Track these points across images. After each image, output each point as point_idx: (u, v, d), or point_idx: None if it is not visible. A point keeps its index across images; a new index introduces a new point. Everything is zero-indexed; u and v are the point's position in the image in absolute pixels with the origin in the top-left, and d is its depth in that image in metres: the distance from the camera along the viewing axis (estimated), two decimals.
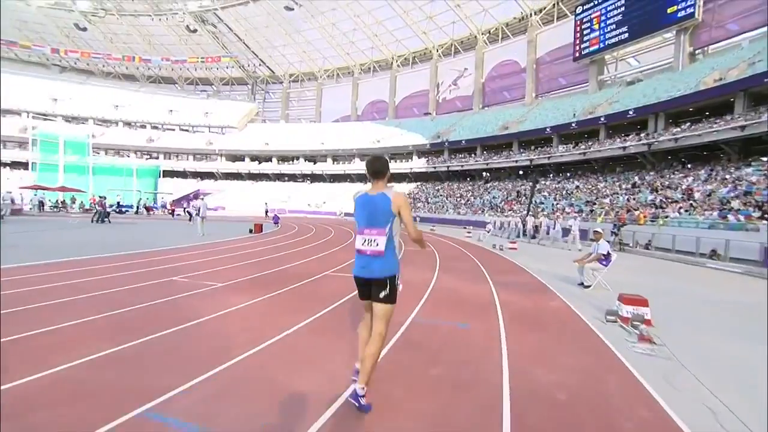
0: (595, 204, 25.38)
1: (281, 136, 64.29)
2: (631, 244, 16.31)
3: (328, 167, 60.39)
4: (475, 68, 59.06)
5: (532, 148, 43.19)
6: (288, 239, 16.36)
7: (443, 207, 41.41)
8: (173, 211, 32.04)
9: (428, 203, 44.74)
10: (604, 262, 7.93)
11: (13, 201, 22.26)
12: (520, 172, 45.33)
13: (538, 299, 6.88)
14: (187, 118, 66.46)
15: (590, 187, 30.90)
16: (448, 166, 50.10)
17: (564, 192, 31.97)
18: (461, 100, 62.09)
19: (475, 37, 58.23)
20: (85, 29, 65.44)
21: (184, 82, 76.67)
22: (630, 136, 31.28)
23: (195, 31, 65.01)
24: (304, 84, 77.05)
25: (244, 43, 69.34)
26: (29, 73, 67.98)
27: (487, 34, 57.65)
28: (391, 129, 61.19)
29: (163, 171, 59.83)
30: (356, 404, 2.78)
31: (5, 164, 51.44)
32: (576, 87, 48.98)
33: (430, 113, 63.16)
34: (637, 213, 20.09)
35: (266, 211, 30.95)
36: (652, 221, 18.75)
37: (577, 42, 44.22)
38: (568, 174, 38.62)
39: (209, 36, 67.16)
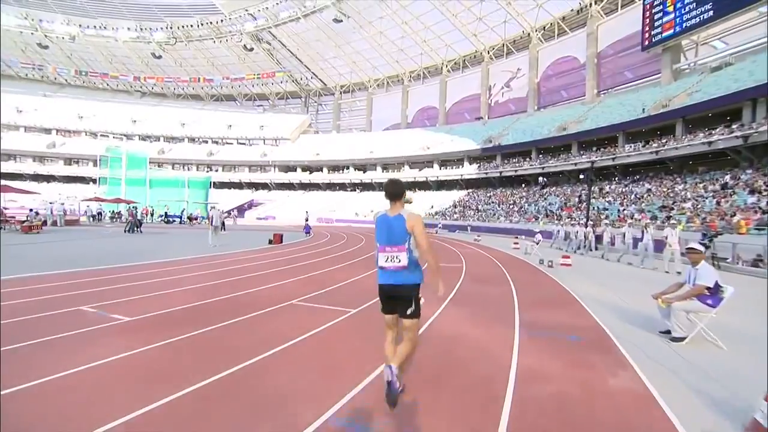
0: (672, 209, 21.14)
1: (332, 146, 64.41)
2: (730, 259, 12.35)
3: (377, 176, 59.17)
4: (529, 68, 55.00)
5: (594, 149, 38.59)
6: (304, 251, 14.93)
7: (494, 215, 38.14)
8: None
9: (479, 211, 41.59)
10: (709, 301, 4.80)
11: (65, 212, 23.33)
12: (581, 176, 40.81)
13: (592, 369, 3.88)
14: (244, 131, 69.04)
15: (665, 190, 26.37)
16: (500, 172, 46.63)
17: (632, 196, 27.62)
18: (514, 103, 58.10)
19: (529, 35, 54.29)
20: (160, 57, 70.68)
21: (243, 98, 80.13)
22: (717, 130, 26.29)
23: (252, 49, 67.59)
24: (355, 94, 77.10)
25: (296, 57, 70.96)
26: (116, 99, 75.02)
27: (542, 31, 53.51)
28: (441, 135, 58.71)
29: (221, 182, 62.60)
30: (388, 376, 2.83)
31: (81, 179, 56.54)
32: (645, 80, 43.47)
33: (481, 117, 59.82)
34: (736, 219, 15.87)
35: (306, 220, 30.08)
36: (758, 229, 14.61)
37: (647, 29, 39.02)
38: (637, 176, 33.73)
39: (264, 53, 69.55)
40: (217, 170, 64.46)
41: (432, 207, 48.19)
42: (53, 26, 64.79)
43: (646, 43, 39.59)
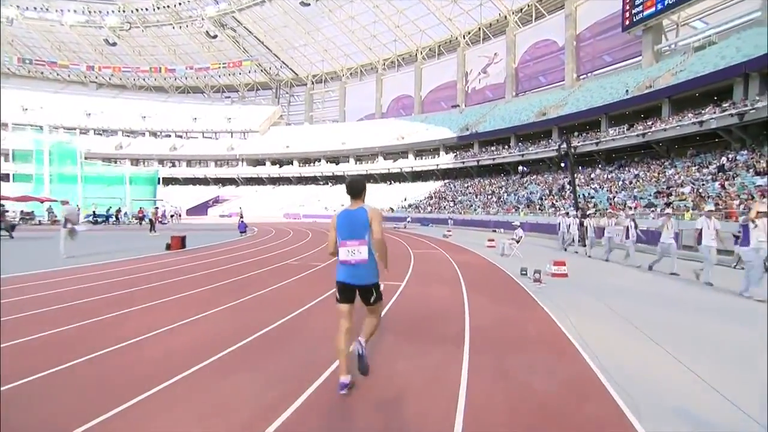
0: (671, 195, 18.47)
1: (303, 138, 60.57)
2: None
3: (350, 168, 55.74)
4: (507, 53, 52.28)
5: (575, 134, 36.03)
6: (202, 259, 10.84)
7: (471, 206, 35.29)
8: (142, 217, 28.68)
9: (455, 202, 38.68)
10: None
11: None
12: (562, 164, 38.38)
13: None
14: (210, 124, 64.47)
15: (655, 175, 23.88)
16: (478, 161, 43.88)
17: (620, 183, 25.04)
18: (492, 89, 55.36)
19: (506, 18, 51.54)
20: (114, 44, 65.23)
21: (210, 90, 75.14)
22: (707, 109, 23.87)
23: (215, 36, 62.83)
24: (328, 84, 73.10)
25: (264, 45, 66.46)
26: (70, 91, 69.02)
27: (519, 14, 50.81)
28: (416, 125, 55.64)
29: (185, 178, 58.08)
30: (359, 350, 3.12)
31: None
32: (625, 62, 41.25)
33: (458, 105, 56.88)
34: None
35: (240, 217, 26.54)
36: None
37: (627, 8, 36.59)
38: (622, 162, 31.36)
39: (230, 41, 64.83)
40: (180, 165, 59.84)
41: (405, 199, 45.13)
42: None
43: (627, 23, 37.25)
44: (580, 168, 35.32)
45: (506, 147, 42.61)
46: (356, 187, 3.16)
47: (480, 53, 56.66)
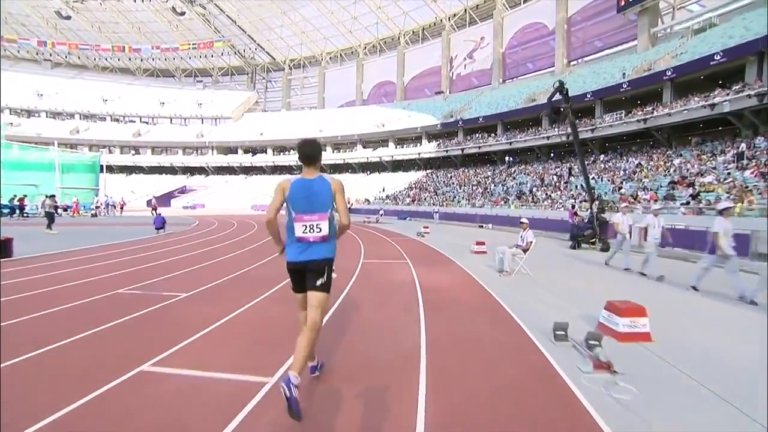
0: (692, 187, 15.63)
1: (278, 126, 56.50)
2: None
3: (327, 156, 52.06)
4: (494, 37, 49.27)
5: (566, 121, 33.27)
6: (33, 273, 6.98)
7: (455, 197, 32.34)
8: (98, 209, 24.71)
9: (436, 194, 35.68)
10: None
11: None
12: (552, 154, 35.86)
13: None
14: (179, 109, 59.66)
15: (660, 163, 21.24)
16: (462, 149, 40.90)
17: (622, 172, 22.36)
18: (478, 76, 52.33)
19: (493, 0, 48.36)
20: (68, 17, 59.37)
21: (182, 73, 69.96)
22: (716, 92, 21.34)
23: (183, 13, 57.83)
24: (307, 70, 68.87)
25: (237, 26, 61.67)
26: (19, 69, 62.81)
27: None
28: (398, 112, 52.29)
29: (150, 167, 53.49)
30: (287, 392, 2.17)
31: None
32: (618, 47, 38.85)
33: (442, 92, 53.73)
34: None
35: (154, 208, 22.99)
36: None
37: None
38: (619, 150, 28.85)
39: (199, 19, 59.81)
40: (145, 153, 55.08)
41: (383, 190, 41.92)
42: None
43: (622, 3, 34.74)
44: (568, 157, 32.86)
45: (493, 135, 39.77)
46: (310, 151, 2.66)
47: (466, 37, 53.48)
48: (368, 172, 50.19)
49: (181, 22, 60.92)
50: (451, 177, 39.42)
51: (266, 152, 55.52)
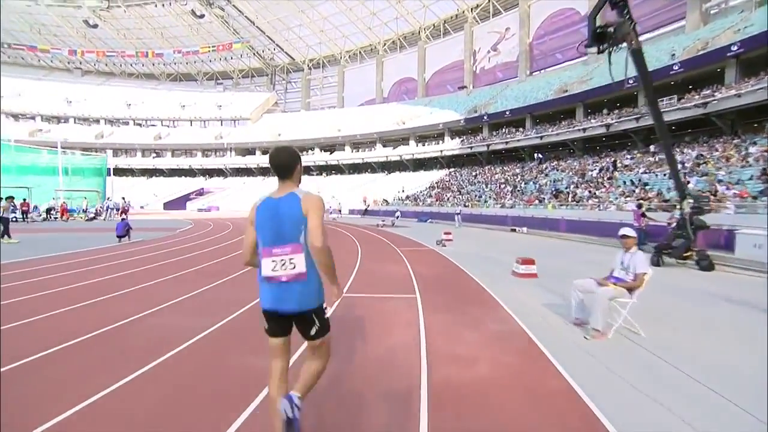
0: None
1: (296, 126, 54.71)
2: None
3: (345, 156, 49.82)
4: (520, 27, 45.67)
5: (605, 112, 29.65)
6: None
7: (480, 197, 29.18)
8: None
9: (460, 193, 32.59)
10: None
11: None
12: (586, 147, 32.16)
13: None
14: (199, 112, 58.91)
15: (730, 153, 17.53)
16: (488, 145, 37.62)
17: (680, 166, 18.69)
18: (503, 69, 48.76)
19: None
20: (96, 26, 59.80)
21: (203, 77, 69.50)
22: None
23: (202, 16, 57.05)
24: (326, 69, 66.92)
25: (256, 26, 60.36)
26: (53, 78, 64.00)
27: None
28: (419, 108, 49.40)
29: (170, 169, 52.82)
30: (288, 412, 1.86)
31: None
32: (662, 29, 34.69)
33: (465, 87, 50.39)
34: None
35: (124, 211, 20.80)
36: None
37: None
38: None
39: (219, 21, 58.85)
40: (165, 156, 54.49)
41: (402, 190, 39.05)
42: None
43: None
44: (603, 151, 29.13)
45: (521, 129, 36.30)
46: (284, 160, 2.03)
47: (490, 29, 50.03)
48: (388, 172, 47.52)
49: (201, 26, 60.25)
50: (476, 175, 36.24)
51: None
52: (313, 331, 2.02)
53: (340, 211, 33.02)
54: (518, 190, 26.93)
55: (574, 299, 4.13)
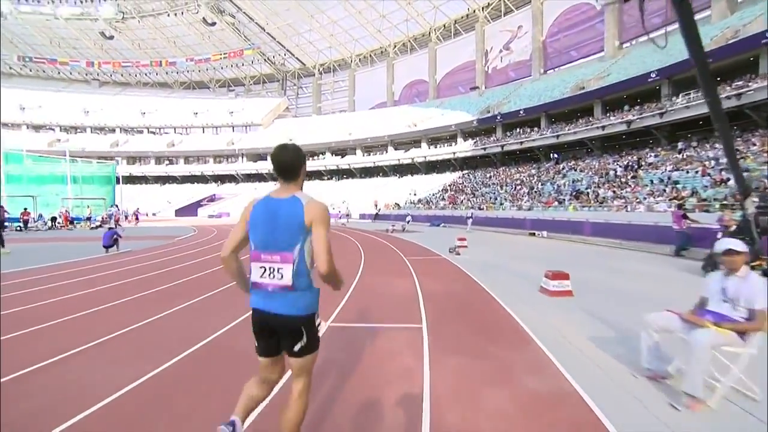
0: None
1: (307, 130, 54.23)
2: None
3: (356, 160, 49.00)
4: (533, 24, 44.30)
5: (626, 108, 28.10)
6: None
7: (496, 199, 27.89)
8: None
9: (474, 196, 31.35)
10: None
11: None
12: (606, 144, 30.62)
13: None
14: (211, 119, 59.07)
15: (766, 148, 15.96)
16: (502, 146, 36.28)
17: (713, 163, 17.20)
18: (515, 68, 47.38)
19: None
20: (111, 37, 60.62)
21: (215, 84, 69.85)
22: None
23: (213, 24, 57.26)
24: (337, 74, 66.48)
25: (267, 33, 60.31)
26: (72, 89, 65.22)
27: None
28: (431, 110, 48.35)
29: (183, 176, 52.92)
30: None
31: None
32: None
33: (477, 87, 49.11)
34: None
35: (116, 220, 20.10)
36: None
37: None
38: (689, 137, 23.24)
39: (230, 28, 59.00)
40: (178, 163, 54.64)
41: (414, 193, 37.95)
42: None
43: None
44: (632, 150, 27.51)
45: (536, 129, 34.88)
46: (287, 160, 1.83)
47: (501, 27, 48.76)
48: (400, 175, 46.53)
49: (213, 33, 60.53)
50: (490, 177, 34.96)
51: None
52: (298, 346, 1.79)
53: (347, 215, 31.61)
54: (535, 192, 25.59)
55: (646, 342, 2.87)
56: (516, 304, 5.14)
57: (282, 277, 1.73)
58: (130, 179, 53.48)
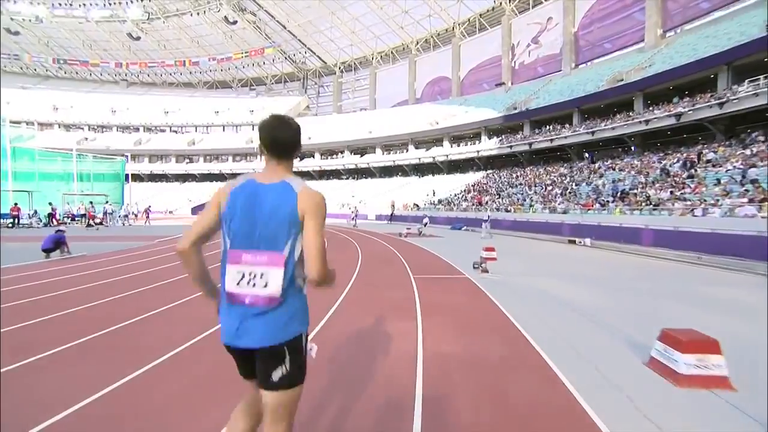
0: None
1: (327, 129, 52.59)
2: None
3: (376, 159, 46.94)
4: (564, 15, 41.14)
5: (676, 100, 24.84)
6: None
7: (525, 201, 25.14)
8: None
9: (499, 196, 28.65)
10: None
11: None
12: (647, 141, 27.36)
13: None
14: (232, 117, 58.43)
15: None
16: (530, 144, 33.35)
17: None
18: (544, 63, 44.20)
19: None
20: (139, 38, 60.90)
21: (238, 83, 69.43)
22: None
23: (235, 22, 56.59)
24: (358, 72, 64.70)
25: (288, 30, 59.13)
26: (102, 90, 66.30)
27: None
28: (453, 108, 45.78)
29: (202, 174, 52.35)
30: None
31: None
32: (736, 5, 29.47)
33: (503, 83, 46.14)
34: None
35: (57, 217, 18.45)
36: None
37: None
38: (748, 131, 19.84)
39: (251, 27, 58.16)
40: (198, 161, 54.16)
41: (433, 194, 35.41)
42: (18, 6, 55.70)
43: None
44: (680, 147, 24.18)
45: (567, 126, 31.81)
46: (283, 135, 1.47)
47: (530, 20, 45.66)
48: (420, 174, 44.14)
49: (235, 33, 59.96)
50: (516, 176, 32.12)
51: (314, 156, 51.74)
52: (276, 376, 1.37)
53: (354, 216, 26.94)
54: (569, 193, 22.69)
55: None
56: (607, 404, 2.67)
57: (266, 285, 1.35)
58: (152, 177, 53.41)
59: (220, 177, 52.72)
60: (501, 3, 47.37)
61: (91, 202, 21.23)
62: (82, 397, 2.60)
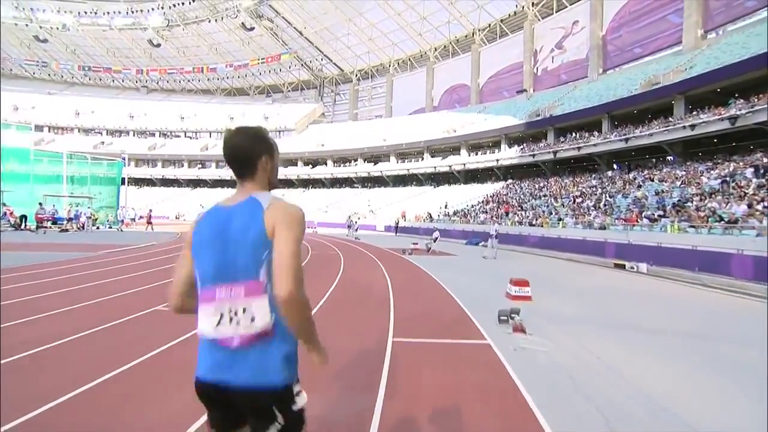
0: None
1: (340, 136, 51.02)
2: None
3: (390, 167, 44.89)
4: (591, 19, 38.61)
5: (728, 103, 21.87)
6: None
7: (551, 214, 22.43)
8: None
9: (521, 209, 25.96)
10: None
11: None
12: (689, 150, 24.40)
13: None
14: (246, 123, 55.84)
15: None
16: (554, 152, 30.62)
17: None
18: (568, 70, 41.61)
19: None
20: (159, 45, 61.29)
21: (255, 90, 68.99)
22: None
23: (252, 29, 56.05)
24: (375, 80, 63.22)
25: (304, 37, 58.26)
26: (123, 96, 67.07)
27: None
28: (472, 116, 43.56)
29: (213, 180, 51.40)
30: None
31: None
32: None
33: (524, 90, 43.60)
34: None
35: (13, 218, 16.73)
36: None
37: None
38: None
39: (268, 33, 57.54)
40: (210, 167, 53.36)
41: (446, 206, 32.86)
42: (46, 15, 56.71)
43: None
44: (731, 156, 21.12)
45: (595, 133, 29.02)
46: (238, 148, 1.32)
47: (554, 25, 43.21)
48: (436, 184, 41.75)
49: (252, 39, 59.54)
50: (540, 187, 29.37)
51: (326, 164, 50.09)
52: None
53: (350, 227, 24.61)
54: (604, 205, 19.87)
55: None
56: None
57: (253, 319, 1.15)
58: (164, 182, 52.80)
59: (231, 183, 51.78)
60: (523, 8, 45.13)
61: (76, 204, 19.88)
62: None
